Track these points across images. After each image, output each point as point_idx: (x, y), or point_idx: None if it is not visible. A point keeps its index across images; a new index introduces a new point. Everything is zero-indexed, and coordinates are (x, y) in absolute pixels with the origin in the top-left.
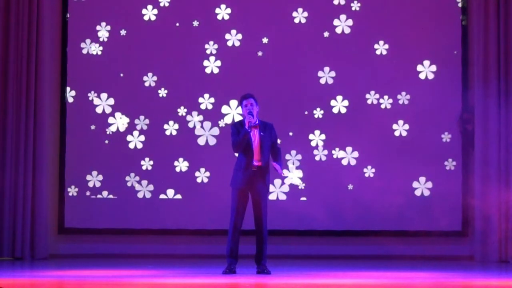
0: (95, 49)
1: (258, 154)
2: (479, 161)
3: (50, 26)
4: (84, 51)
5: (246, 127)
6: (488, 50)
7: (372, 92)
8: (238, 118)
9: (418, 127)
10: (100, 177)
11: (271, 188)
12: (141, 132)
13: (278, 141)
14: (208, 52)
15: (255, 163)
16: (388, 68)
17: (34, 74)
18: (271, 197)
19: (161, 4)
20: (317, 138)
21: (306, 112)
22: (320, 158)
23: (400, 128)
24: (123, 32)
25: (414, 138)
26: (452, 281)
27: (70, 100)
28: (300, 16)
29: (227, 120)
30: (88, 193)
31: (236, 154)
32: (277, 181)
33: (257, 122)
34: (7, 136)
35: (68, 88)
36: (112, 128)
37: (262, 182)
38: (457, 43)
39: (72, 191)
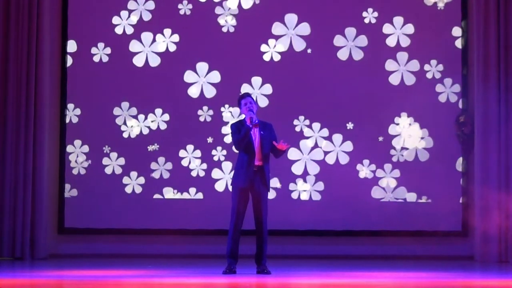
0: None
1: (259, 153)
2: (479, 160)
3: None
4: (87, 56)
5: (248, 123)
6: (488, 50)
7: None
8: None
9: (418, 127)
10: (99, 177)
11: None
12: (141, 133)
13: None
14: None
15: (256, 163)
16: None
17: (34, 74)
18: (271, 196)
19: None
20: (316, 135)
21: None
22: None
23: (401, 130)
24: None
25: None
26: (452, 281)
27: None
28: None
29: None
30: (88, 193)
31: (236, 151)
32: (276, 181)
33: (257, 121)
34: (7, 136)
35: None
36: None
37: (262, 181)
38: (457, 44)
39: (72, 191)
